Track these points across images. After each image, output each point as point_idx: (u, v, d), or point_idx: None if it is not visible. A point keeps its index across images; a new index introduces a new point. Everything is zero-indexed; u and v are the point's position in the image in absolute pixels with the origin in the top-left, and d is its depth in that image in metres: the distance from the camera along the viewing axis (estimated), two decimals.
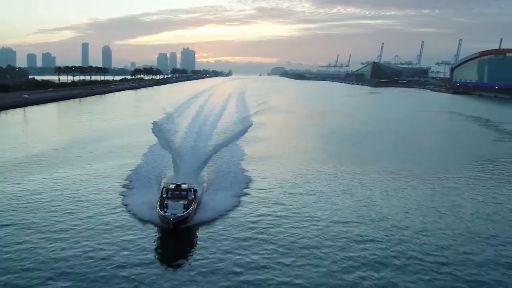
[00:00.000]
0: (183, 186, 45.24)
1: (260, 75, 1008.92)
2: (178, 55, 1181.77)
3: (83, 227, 41.90)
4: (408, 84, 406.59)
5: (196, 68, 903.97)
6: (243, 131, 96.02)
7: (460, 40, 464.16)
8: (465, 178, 63.04)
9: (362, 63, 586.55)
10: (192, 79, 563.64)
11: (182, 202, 42.18)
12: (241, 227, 42.03)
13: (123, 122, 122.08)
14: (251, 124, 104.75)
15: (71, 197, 50.66)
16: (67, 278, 32.67)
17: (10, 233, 40.13)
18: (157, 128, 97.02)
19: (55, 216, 44.43)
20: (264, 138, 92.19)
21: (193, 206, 42.49)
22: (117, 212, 45.70)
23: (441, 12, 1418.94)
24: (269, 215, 45.46)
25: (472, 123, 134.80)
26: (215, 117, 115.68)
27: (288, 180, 59.27)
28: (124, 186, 54.70)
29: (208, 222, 42.81)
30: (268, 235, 40.45)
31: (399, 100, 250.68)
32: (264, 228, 42.09)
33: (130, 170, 61.44)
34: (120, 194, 51.16)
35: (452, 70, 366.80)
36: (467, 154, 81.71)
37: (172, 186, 45.42)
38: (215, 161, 65.66)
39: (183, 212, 40.70)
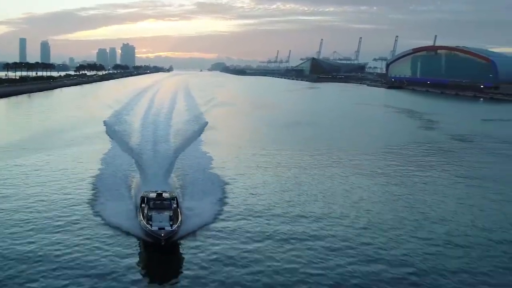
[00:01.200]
0: (165, 195, 41.91)
1: (201, 70, 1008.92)
2: (118, 51, 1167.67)
3: (52, 240, 38.52)
4: (346, 79, 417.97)
5: (137, 64, 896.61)
6: (200, 130, 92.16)
7: (397, 36, 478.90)
8: (384, 157, 74.29)
9: (301, 59, 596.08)
10: (135, 75, 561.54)
11: (167, 213, 39.07)
12: (231, 236, 39.87)
13: (74, 121, 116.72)
14: (206, 123, 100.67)
15: (30, 206, 46.77)
16: None
17: None
18: (111, 128, 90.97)
19: (16, 233, 39.91)
20: (220, 135, 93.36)
21: (181, 217, 39.21)
22: (90, 223, 42.36)
23: (379, 9, 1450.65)
24: (255, 218, 44.04)
25: (401, 114, 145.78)
26: (167, 115, 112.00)
27: (256, 174, 61.34)
28: (91, 193, 51.09)
29: (194, 233, 39.88)
30: (262, 242, 38.73)
31: (337, 94, 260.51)
32: (254, 234, 40.40)
33: (92, 175, 57.71)
34: (88, 203, 47.74)
35: (387, 65, 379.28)
36: (389, 139, 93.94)
37: (153, 195, 41.69)
38: (181, 163, 62.69)
39: (170, 224, 37.69)
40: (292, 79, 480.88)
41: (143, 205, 41.39)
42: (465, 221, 44.65)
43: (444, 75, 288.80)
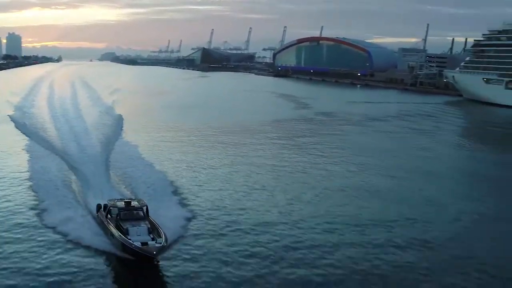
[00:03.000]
0: (134, 204, 38.05)
1: (91, 60, 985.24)
2: (4, 40, 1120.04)
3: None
4: (236, 69, 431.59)
5: (23, 54, 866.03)
6: (115, 122, 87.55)
7: (285, 27, 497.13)
8: (260, 130, 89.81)
9: (193, 49, 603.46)
10: (25, 65, 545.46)
11: (144, 225, 35.47)
12: (211, 243, 37.60)
13: None
14: (119, 115, 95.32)
15: None
16: None
17: None
18: (20, 124, 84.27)
19: None
20: (134, 123, 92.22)
21: (161, 229, 35.46)
22: (42, 238, 37.30)
23: None
24: (231, 219, 42.77)
25: (281, 98, 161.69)
26: (75, 107, 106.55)
27: (196, 163, 63.52)
28: (31, 200, 45.95)
29: (170, 245, 35.06)
30: (247, 245, 37.56)
31: (226, 82, 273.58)
32: (237, 237, 38.92)
33: (24, 178, 52.55)
34: (31, 213, 42.62)
35: (274, 55, 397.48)
36: (266, 116, 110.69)
37: (121, 204, 37.60)
38: (116, 163, 58.30)
39: (151, 237, 34.30)
40: (184, 68, 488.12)
41: (109, 215, 37.31)
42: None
43: (326, 64, 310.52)
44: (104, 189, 46.08)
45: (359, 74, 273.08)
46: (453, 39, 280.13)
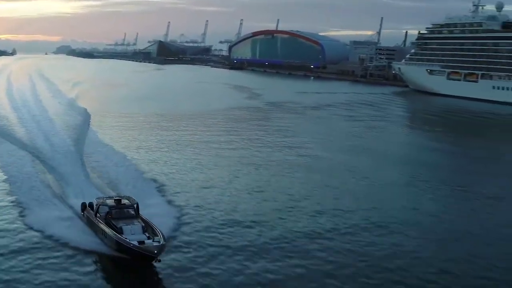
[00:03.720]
0: (125, 202, 36.81)
1: (46, 53, 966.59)
2: None
3: None
4: (192, 61, 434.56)
5: None
6: (84, 119, 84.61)
7: (242, 20, 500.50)
8: (213, 117, 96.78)
9: (149, 42, 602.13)
10: None
11: (138, 223, 34.35)
12: (202, 239, 37.01)
13: None
14: (84, 109, 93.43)
15: None
16: None
17: None
18: None
19: None
20: (99, 116, 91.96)
21: (156, 227, 34.41)
22: (29, 239, 35.89)
23: None
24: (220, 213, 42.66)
25: (235, 89, 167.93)
26: (37, 101, 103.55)
27: (168, 152, 65.95)
28: (9, 202, 43.70)
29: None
30: (241, 239, 37.41)
31: (182, 74, 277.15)
32: (231, 234, 38.30)
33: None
34: (14, 214, 40.63)
35: (230, 48, 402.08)
36: (218, 105, 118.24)
37: (112, 202, 36.47)
38: (90, 158, 57.43)
39: (147, 236, 33.06)
40: (140, 61, 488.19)
41: (98, 214, 36.27)
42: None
43: (280, 56, 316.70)
44: (84, 187, 44.68)
45: (312, 67, 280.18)
46: (406, 32, 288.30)
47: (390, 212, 43.99)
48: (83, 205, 38.92)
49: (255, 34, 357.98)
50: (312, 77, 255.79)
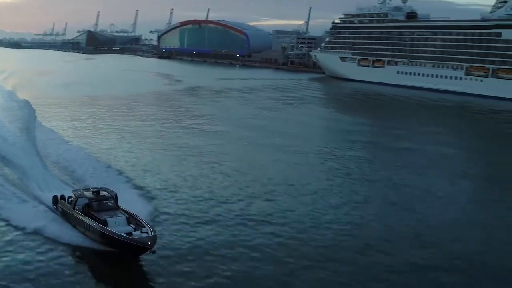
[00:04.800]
0: (103, 193, 35.83)
1: None
2: None
3: None
4: (122, 51, 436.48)
5: None
6: (26, 108, 79.43)
7: (172, 9, 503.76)
8: (132, 100, 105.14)
9: (78, 32, 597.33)
10: None
11: (121, 215, 33.43)
12: (182, 229, 36.67)
13: None
14: (26, 100, 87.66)
15: None
16: None
17: None
18: None
19: None
20: (48, 108, 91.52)
21: (141, 218, 33.89)
22: (2, 234, 34.56)
23: None
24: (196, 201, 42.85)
25: (159, 76, 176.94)
26: None
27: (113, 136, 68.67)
28: None
29: None
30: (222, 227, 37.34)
31: (110, 64, 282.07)
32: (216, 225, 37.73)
33: None
34: None
35: (159, 37, 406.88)
36: (138, 90, 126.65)
37: (90, 194, 35.43)
38: (45, 149, 55.79)
39: (133, 228, 32.22)
40: (69, 51, 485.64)
41: (77, 206, 35.19)
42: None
43: (208, 45, 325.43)
44: (47, 180, 43.73)
45: (238, 55, 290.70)
46: (333, 21, 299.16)
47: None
48: (55, 198, 38.15)
49: (183, 23, 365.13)
50: (238, 65, 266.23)
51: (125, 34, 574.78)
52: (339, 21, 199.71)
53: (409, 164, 58.37)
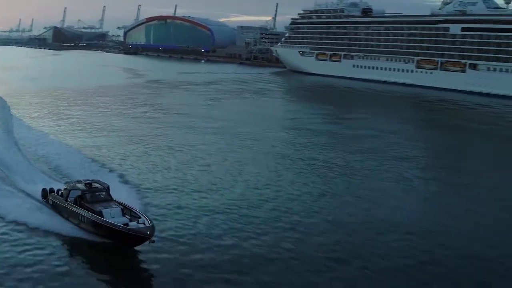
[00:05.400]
0: (96, 185, 36.13)
1: None
2: None
3: None
4: (88, 47, 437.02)
5: None
6: (4, 106, 77.66)
7: (139, 5, 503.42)
8: (96, 91, 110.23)
9: (45, 28, 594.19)
10: None
11: (116, 206, 33.75)
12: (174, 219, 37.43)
13: None
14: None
15: None
16: None
17: None
18: None
19: None
20: (21, 101, 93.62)
21: (135, 209, 34.42)
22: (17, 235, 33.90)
23: None
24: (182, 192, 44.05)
25: (122, 71, 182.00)
26: None
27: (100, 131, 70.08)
28: None
29: None
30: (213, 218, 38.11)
31: (77, 59, 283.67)
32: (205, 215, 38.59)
33: None
34: None
35: (125, 33, 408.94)
36: (101, 82, 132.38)
37: (83, 186, 35.61)
38: (26, 144, 56.14)
39: (129, 219, 32.47)
40: (36, 47, 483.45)
41: (69, 199, 35.33)
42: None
43: (173, 41, 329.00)
44: (32, 173, 44.10)
45: (203, 51, 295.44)
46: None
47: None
48: (44, 191, 38.41)
49: (149, 19, 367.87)
50: (203, 60, 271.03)
51: (92, 30, 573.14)
52: (298, 17, 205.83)
53: (356, 148, 64.10)
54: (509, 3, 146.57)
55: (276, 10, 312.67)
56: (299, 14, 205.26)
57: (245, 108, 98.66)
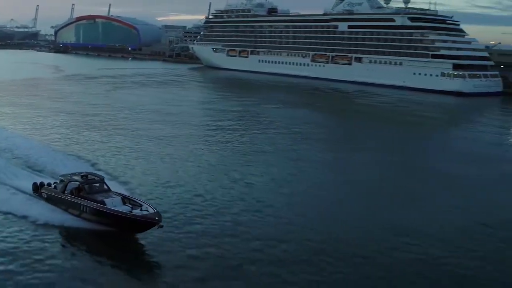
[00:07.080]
0: (92, 177, 37.01)
1: None
2: None
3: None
4: (20, 46, 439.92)
5: None
6: None
7: (73, 4, 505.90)
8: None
9: None
10: None
11: (116, 196, 34.76)
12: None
13: None
14: None
15: None
16: None
17: None
18: None
19: None
20: None
21: (134, 197, 35.70)
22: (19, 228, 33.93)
23: None
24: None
25: (46, 68, 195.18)
26: None
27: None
28: None
29: None
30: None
31: (5, 57, 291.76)
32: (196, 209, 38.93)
33: None
34: None
35: (56, 32, 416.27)
36: (24, 77, 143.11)
37: (80, 178, 36.28)
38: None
39: (130, 207, 33.16)
40: None
41: (66, 191, 35.88)
42: None
43: (102, 40, 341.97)
44: (12, 170, 44.16)
45: (130, 49, 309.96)
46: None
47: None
48: (35, 185, 38.64)
49: (78, 19, 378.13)
50: (130, 58, 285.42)
51: (25, 30, 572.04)
52: (211, 16, 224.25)
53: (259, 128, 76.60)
54: (388, 3, 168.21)
55: (209, 9, 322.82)
56: (212, 13, 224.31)
57: (133, 98, 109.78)
